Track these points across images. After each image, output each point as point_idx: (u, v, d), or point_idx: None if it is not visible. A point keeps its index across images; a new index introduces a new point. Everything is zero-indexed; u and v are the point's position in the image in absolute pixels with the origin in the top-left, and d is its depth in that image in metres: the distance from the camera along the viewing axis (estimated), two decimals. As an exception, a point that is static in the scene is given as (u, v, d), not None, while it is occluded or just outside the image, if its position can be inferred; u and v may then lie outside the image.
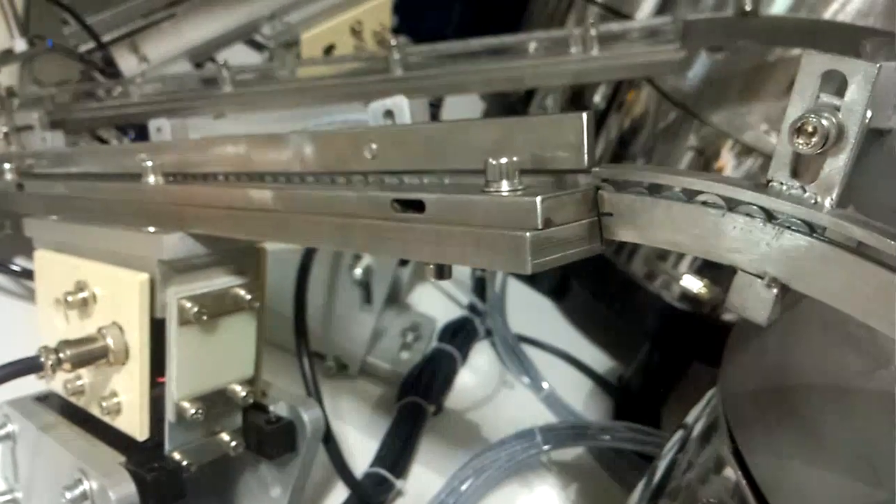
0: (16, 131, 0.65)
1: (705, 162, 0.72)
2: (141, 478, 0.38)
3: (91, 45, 0.80)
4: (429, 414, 0.64)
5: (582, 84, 1.00)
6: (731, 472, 0.30)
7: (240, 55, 1.04)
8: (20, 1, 0.71)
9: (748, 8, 0.51)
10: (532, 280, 0.92)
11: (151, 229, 0.38)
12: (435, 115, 0.91)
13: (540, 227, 0.22)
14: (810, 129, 0.19)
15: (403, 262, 0.67)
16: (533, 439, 0.56)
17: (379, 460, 0.57)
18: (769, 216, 0.21)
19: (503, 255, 0.23)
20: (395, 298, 0.77)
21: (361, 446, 0.62)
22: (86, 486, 0.38)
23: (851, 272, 0.19)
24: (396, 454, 0.58)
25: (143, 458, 0.40)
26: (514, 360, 0.76)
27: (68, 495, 0.38)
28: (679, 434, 0.39)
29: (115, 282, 0.39)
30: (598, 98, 1.15)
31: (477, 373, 0.76)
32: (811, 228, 0.20)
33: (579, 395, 0.78)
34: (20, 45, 0.69)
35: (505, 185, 0.24)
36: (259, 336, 0.42)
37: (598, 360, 0.84)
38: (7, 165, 0.56)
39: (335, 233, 0.29)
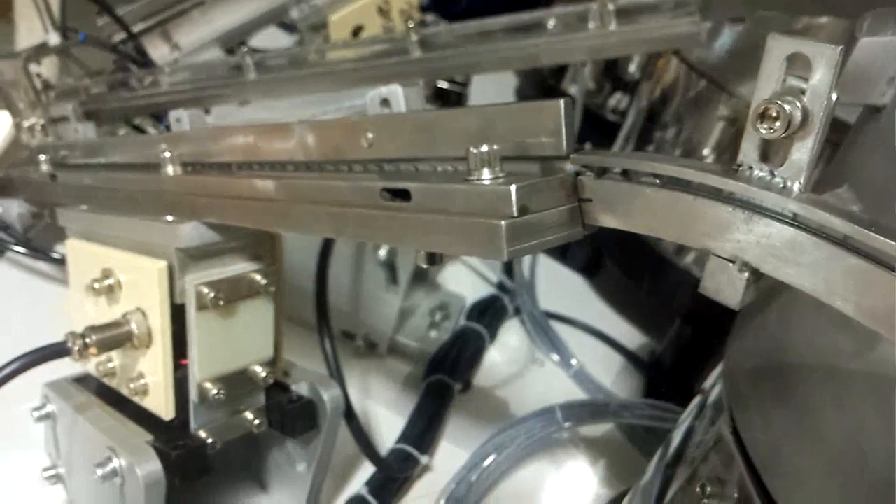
0: (52, 122, 0.68)
1: (737, 132, 0.70)
2: (166, 455, 0.40)
3: (124, 35, 0.82)
4: (455, 391, 0.65)
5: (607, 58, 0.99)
6: (729, 451, 0.30)
7: (274, 39, 1.06)
8: (54, -4, 0.74)
9: (769, -24, 0.49)
10: (563, 257, 0.92)
11: (169, 218, 0.40)
12: (462, 94, 0.91)
13: (515, 214, 0.23)
14: (774, 113, 0.19)
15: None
16: (553, 417, 0.57)
17: (404, 437, 0.58)
18: (739, 201, 0.21)
19: (481, 243, 0.23)
20: (424, 278, 0.78)
21: (390, 423, 0.63)
22: (115, 463, 0.40)
23: (819, 256, 0.19)
24: (422, 431, 0.59)
25: (169, 436, 0.42)
26: (544, 337, 0.77)
27: (99, 472, 0.40)
28: (697, 400, 0.40)
29: (137, 269, 0.41)
30: (633, 68, 1.13)
31: (506, 350, 0.77)
32: (781, 212, 0.20)
33: (610, 372, 0.78)
34: (54, 39, 0.71)
35: (486, 173, 0.24)
36: (277, 319, 0.43)
37: (630, 336, 0.83)
38: (42, 157, 0.58)
39: (330, 221, 0.29)
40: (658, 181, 0.22)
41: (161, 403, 0.42)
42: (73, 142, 0.60)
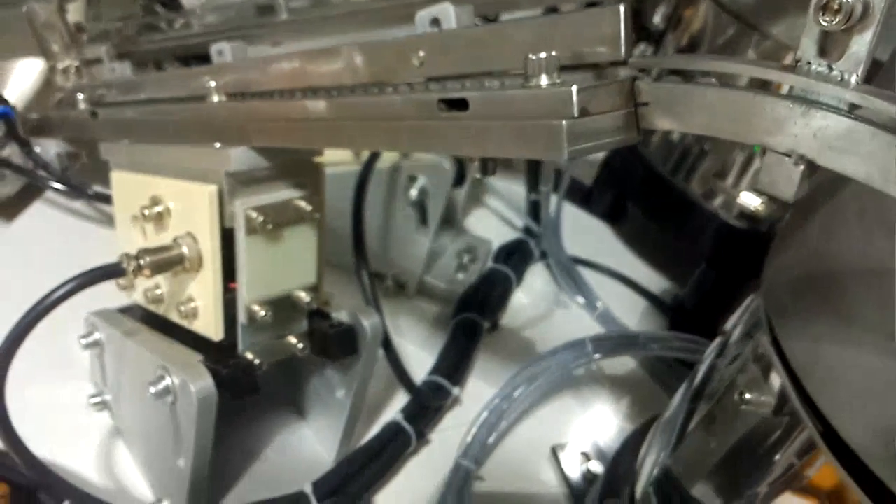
0: (86, 65, 0.69)
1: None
2: (217, 373, 0.41)
3: (152, -21, 0.82)
4: (484, 329, 0.67)
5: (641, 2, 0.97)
6: (767, 360, 0.32)
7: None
8: (83, -61, 0.74)
9: None
10: (587, 204, 0.93)
11: (218, 145, 0.41)
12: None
13: (576, 115, 0.23)
14: (835, 6, 0.20)
15: (458, 183, 0.69)
16: (584, 349, 0.58)
17: (436, 370, 0.60)
18: (797, 96, 0.21)
19: (541, 145, 0.24)
20: (451, 222, 0.79)
21: (419, 359, 0.65)
22: (168, 381, 0.42)
23: (875, 145, 0.20)
24: (453, 364, 0.60)
25: (218, 356, 0.43)
26: (569, 280, 0.78)
27: (152, 389, 0.42)
28: (719, 339, 0.41)
29: (187, 194, 0.42)
30: (657, 19, 1.12)
31: (532, 293, 0.78)
32: (837, 105, 0.21)
33: (634, 315, 0.79)
34: (85, -21, 0.72)
35: (544, 79, 0.25)
36: (319, 246, 0.45)
37: (654, 281, 0.84)
38: (80, 96, 0.59)
39: (383, 135, 0.30)
40: (714, 81, 0.23)
41: (211, 325, 0.43)
42: (111, 80, 0.61)
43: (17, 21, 0.71)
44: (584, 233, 0.91)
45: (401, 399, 0.60)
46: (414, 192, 0.65)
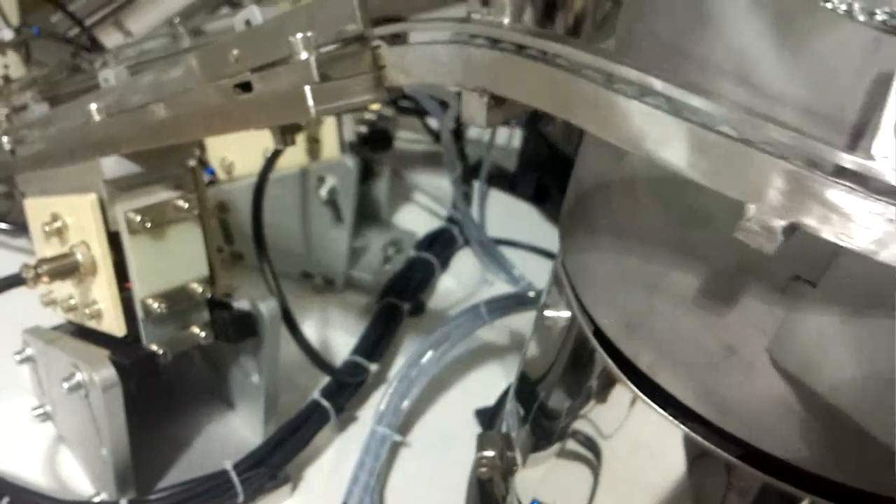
0: (14, 112, 0.74)
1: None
2: (119, 364, 0.46)
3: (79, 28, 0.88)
4: (404, 311, 0.71)
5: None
6: (561, 279, 0.36)
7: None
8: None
9: None
10: (513, 189, 0.98)
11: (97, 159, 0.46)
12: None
13: (317, 80, 0.28)
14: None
15: (365, 179, 0.73)
16: (478, 311, 0.63)
17: (356, 350, 0.64)
18: (478, 43, 0.26)
19: (298, 107, 0.29)
20: (377, 217, 0.84)
21: (349, 347, 0.69)
22: (78, 377, 0.46)
23: (523, 70, 0.24)
24: (371, 344, 0.65)
25: (125, 351, 0.48)
26: (492, 259, 0.82)
27: (66, 385, 0.46)
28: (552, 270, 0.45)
29: (75, 206, 0.47)
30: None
31: (459, 277, 0.83)
32: (505, 46, 0.25)
33: (560, 287, 0.83)
34: (7, 35, 0.77)
35: (304, 55, 0.30)
36: (207, 240, 0.49)
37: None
38: (5, 139, 0.64)
39: (203, 122, 0.35)
40: (426, 40, 0.28)
41: (113, 323, 0.48)
42: (29, 120, 0.66)
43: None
44: (512, 215, 0.95)
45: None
46: (324, 192, 0.70)
